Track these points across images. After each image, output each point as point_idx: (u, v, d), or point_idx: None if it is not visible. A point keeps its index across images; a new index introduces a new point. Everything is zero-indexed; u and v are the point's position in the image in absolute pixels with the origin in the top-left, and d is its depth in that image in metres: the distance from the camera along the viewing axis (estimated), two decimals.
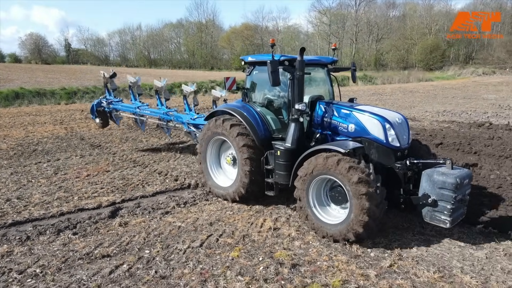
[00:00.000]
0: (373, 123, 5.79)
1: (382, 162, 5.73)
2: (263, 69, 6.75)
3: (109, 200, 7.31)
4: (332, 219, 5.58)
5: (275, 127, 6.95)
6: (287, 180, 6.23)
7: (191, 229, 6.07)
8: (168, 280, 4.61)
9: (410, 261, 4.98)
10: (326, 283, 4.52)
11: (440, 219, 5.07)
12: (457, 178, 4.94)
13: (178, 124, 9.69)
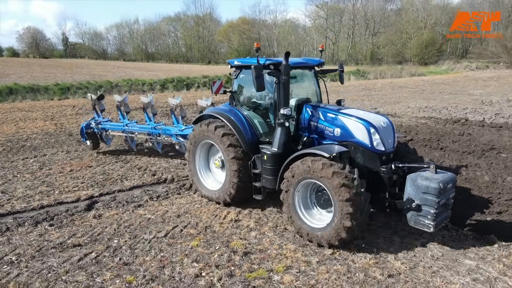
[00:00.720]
0: (358, 127, 5.83)
1: (368, 166, 5.77)
2: (249, 72, 6.58)
3: (88, 194, 7.79)
4: (318, 223, 5.62)
5: (262, 131, 6.94)
6: (274, 184, 6.23)
7: (159, 221, 6.55)
8: (130, 266, 5.10)
9: (351, 249, 5.47)
10: (272, 268, 5.02)
11: (424, 224, 5.12)
12: (440, 183, 4.96)
13: (167, 137, 9.85)
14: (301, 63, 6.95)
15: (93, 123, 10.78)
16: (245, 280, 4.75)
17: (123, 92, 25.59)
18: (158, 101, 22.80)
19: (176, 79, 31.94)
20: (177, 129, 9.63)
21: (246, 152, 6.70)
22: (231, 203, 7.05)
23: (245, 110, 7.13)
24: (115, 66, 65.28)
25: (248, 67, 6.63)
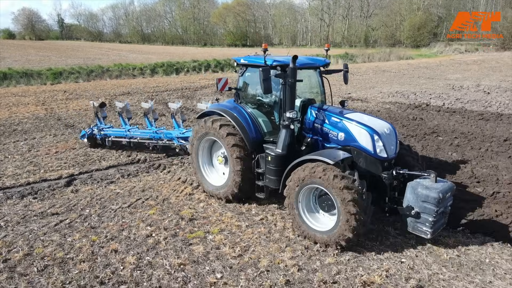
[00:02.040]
0: (362, 134, 5.87)
1: (370, 171, 5.85)
2: (255, 71, 6.73)
3: (69, 173, 8.94)
4: (322, 226, 5.73)
5: (267, 130, 6.95)
6: (277, 184, 6.29)
7: (126, 195, 7.73)
8: (95, 229, 6.29)
9: (277, 217, 6.67)
10: (209, 230, 6.22)
11: (422, 230, 5.28)
12: (440, 193, 5.08)
13: (168, 140, 9.96)
14: (307, 63, 6.81)
15: (95, 130, 10.89)
16: (185, 239, 5.96)
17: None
18: (146, 87, 23.71)
19: (166, 63, 32.68)
20: (178, 132, 9.83)
21: (249, 151, 6.73)
22: (232, 201, 7.16)
23: (249, 108, 7.11)
24: (110, 49, 65.60)
25: (255, 66, 6.72)
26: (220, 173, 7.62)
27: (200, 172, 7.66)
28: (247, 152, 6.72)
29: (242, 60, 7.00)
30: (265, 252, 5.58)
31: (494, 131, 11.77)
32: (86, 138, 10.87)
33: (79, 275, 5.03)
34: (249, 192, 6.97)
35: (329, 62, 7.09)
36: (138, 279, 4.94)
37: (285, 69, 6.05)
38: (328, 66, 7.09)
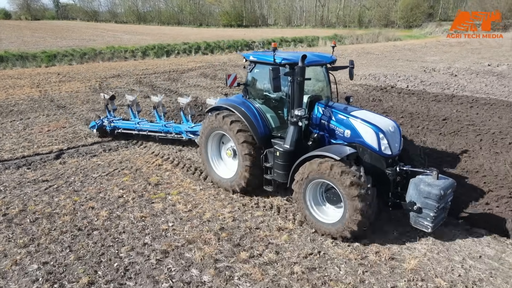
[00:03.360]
0: (367, 132, 6.03)
1: (374, 167, 6.03)
2: (263, 67, 6.90)
3: (58, 148, 10.27)
4: (329, 218, 5.96)
5: (274, 125, 7.11)
6: (285, 178, 6.52)
7: (106, 165, 9.09)
8: (78, 192, 7.67)
9: None
10: (169, 192, 7.62)
11: (423, 224, 5.52)
12: (441, 190, 5.28)
13: (177, 134, 10.15)
14: (315, 61, 6.80)
15: (106, 121, 11.06)
16: (149, 199, 7.36)
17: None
18: (136, 70, 24.72)
19: (157, 46, 33.53)
20: (187, 126, 9.98)
21: (258, 146, 6.91)
22: (240, 192, 7.42)
23: (257, 103, 7.26)
24: (105, 30, 65.79)
25: (264, 63, 6.86)
26: (228, 166, 7.82)
27: (209, 164, 7.88)
28: (255, 147, 6.89)
29: (251, 57, 7.12)
30: (210, 208, 6.99)
31: (439, 111, 13.06)
32: (95, 129, 11.08)
33: (62, 224, 6.43)
34: (257, 185, 7.20)
35: (335, 59, 7.13)
36: (107, 227, 6.35)
37: (294, 67, 6.16)
38: (334, 62, 7.15)
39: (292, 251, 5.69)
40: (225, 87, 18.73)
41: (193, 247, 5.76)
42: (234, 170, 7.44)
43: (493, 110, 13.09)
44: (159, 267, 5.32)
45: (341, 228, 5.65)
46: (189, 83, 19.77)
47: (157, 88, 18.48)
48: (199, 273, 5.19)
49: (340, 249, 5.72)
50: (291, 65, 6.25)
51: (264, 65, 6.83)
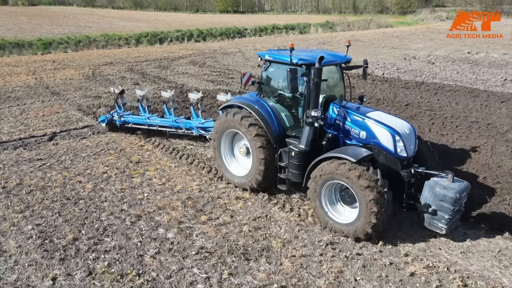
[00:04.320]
0: (383, 134, 6.02)
1: (389, 168, 6.02)
2: (279, 67, 6.94)
3: (52, 131, 11.25)
4: (343, 218, 6.01)
5: (289, 124, 7.10)
6: (300, 178, 6.53)
7: (94, 146, 10.10)
8: (68, 169, 8.70)
9: (199, 161, 9.08)
10: (147, 169, 8.66)
11: (438, 226, 5.56)
12: (457, 193, 5.30)
13: (187, 130, 10.14)
14: (331, 61, 6.74)
15: (116, 116, 11.01)
16: (130, 174, 8.40)
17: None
18: (128, 57, 25.42)
19: (150, 33, 34.11)
20: (197, 122, 9.90)
21: (273, 145, 6.93)
22: (253, 191, 7.45)
23: (271, 102, 7.25)
24: (101, 16, 65.87)
25: (279, 62, 6.86)
26: (241, 164, 7.78)
27: (222, 162, 7.85)
28: (270, 146, 6.90)
29: (267, 56, 7.08)
30: (181, 181, 8.05)
31: (404, 97, 14.04)
32: (105, 123, 11.09)
33: (53, 195, 7.48)
34: (271, 184, 7.22)
35: (350, 58, 7.12)
36: (92, 197, 7.41)
37: (310, 68, 6.18)
38: (349, 62, 7.13)
39: (244, 215, 6.77)
40: (211, 74, 19.63)
41: (162, 212, 6.83)
42: (247, 168, 7.44)
43: (454, 97, 14.07)
44: (132, 227, 6.39)
45: (355, 229, 5.69)
46: (178, 71, 20.62)
47: (147, 75, 19.34)
48: (165, 231, 6.26)
49: (284, 213, 6.80)
50: (307, 66, 6.26)
51: (279, 64, 6.86)
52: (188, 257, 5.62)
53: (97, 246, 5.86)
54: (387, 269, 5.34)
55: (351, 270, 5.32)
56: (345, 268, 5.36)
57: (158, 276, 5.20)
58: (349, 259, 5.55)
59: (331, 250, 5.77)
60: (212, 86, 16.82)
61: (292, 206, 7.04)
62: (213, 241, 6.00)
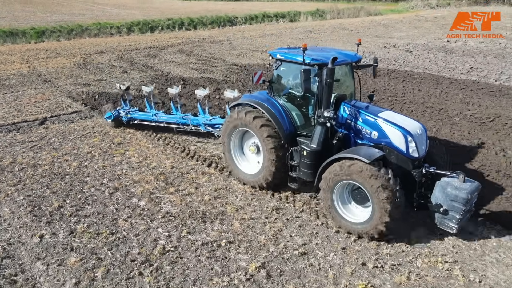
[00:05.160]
0: (396, 134, 6.03)
1: (400, 168, 6.04)
2: (290, 66, 6.94)
3: (43, 116, 12.14)
4: (355, 218, 6.06)
5: (300, 123, 7.11)
6: (311, 177, 6.55)
7: (81, 130, 11.02)
8: (56, 150, 9.63)
9: (174, 142, 10.04)
10: (127, 149, 9.61)
11: (448, 226, 5.62)
12: (468, 194, 5.33)
13: (194, 127, 10.07)
14: (342, 61, 6.68)
15: (122, 112, 10.97)
16: (112, 154, 9.35)
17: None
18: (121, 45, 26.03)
19: (141, 22, 34.57)
20: (205, 119, 9.87)
21: (284, 144, 6.94)
22: (263, 189, 7.52)
23: (281, 100, 7.27)
24: (95, 3, 65.52)
25: (291, 62, 6.82)
26: (251, 161, 7.80)
27: (231, 160, 7.89)
28: (281, 145, 6.93)
29: (279, 55, 7.07)
30: (157, 159, 9.03)
31: (373, 85, 14.94)
32: (111, 120, 10.99)
33: (42, 171, 8.43)
34: (281, 182, 7.26)
35: (361, 57, 7.14)
36: (76, 173, 8.37)
37: (323, 68, 6.19)
38: (360, 61, 7.14)
39: (207, 187, 7.78)
40: (197, 63, 20.42)
41: (137, 185, 7.82)
42: (257, 165, 7.49)
43: (418, 84, 15.01)
44: (110, 197, 7.38)
45: (368, 228, 5.77)
46: (166, 59, 21.37)
47: (135, 64, 20.10)
48: (138, 200, 7.26)
49: (242, 185, 7.81)
50: (320, 66, 6.26)
51: (290, 63, 6.87)
52: (155, 220, 6.63)
53: (78, 212, 6.86)
54: (318, 228, 6.38)
55: (289, 229, 6.36)
56: (284, 228, 6.39)
57: (128, 234, 6.22)
58: (289, 221, 6.59)
59: (275, 214, 6.80)
60: (196, 74, 17.64)
61: None
62: (177, 208, 7.00)
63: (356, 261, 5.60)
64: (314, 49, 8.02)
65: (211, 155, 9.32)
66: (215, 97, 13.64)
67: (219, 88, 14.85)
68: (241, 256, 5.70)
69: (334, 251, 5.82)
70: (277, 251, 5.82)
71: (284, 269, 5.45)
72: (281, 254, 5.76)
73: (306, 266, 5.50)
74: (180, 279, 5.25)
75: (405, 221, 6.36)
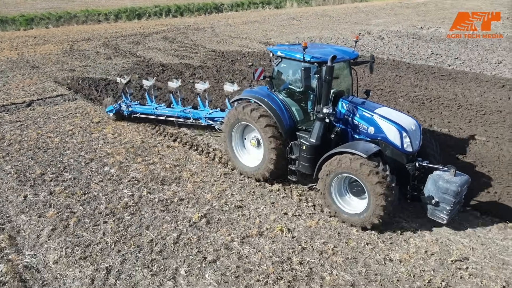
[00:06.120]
0: (391, 130, 6.29)
1: (395, 162, 6.29)
2: (290, 63, 7.09)
3: (30, 99, 13.18)
4: (351, 209, 6.34)
5: (299, 118, 7.31)
6: (310, 170, 6.79)
7: (64, 111, 12.10)
8: (41, 128, 10.72)
9: (148, 124, 11.20)
10: (105, 127, 10.72)
11: (439, 216, 5.92)
12: (458, 187, 5.63)
13: (195, 120, 10.15)
14: (341, 58, 6.80)
15: (123, 106, 11.04)
16: (90, 131, 10.47)
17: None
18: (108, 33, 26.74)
19: (129, 9, 35.08)
20: (205, 112, 9.93)
21: (284, 138, 7.16)
22: (266, 180, 7.75)
23: (282, 96, 7.45)
24: None
25: (291, 59, 6.95)
26: (252, 155, 8.00)
27: (233, 153, 8.08)
28: (281, 139, 7.14)
29: (279, 53, 7.20)
30: (129, 136, 10.19)
31: None
32: (113, 113, 11.09)
33: (28, 146, 9.56)
34: (281, 175, 7.52)
35: (358, 54, 7.27)
36: (58, 147, 9.51)
37: (322, 65, 6.40)
38: (357, 58, 7.28)
39: (170, 157, 8.98)
40: (178, 49, 21.35)
41: (110, 157, 8.99)
42: (258, 159, 7.66)
43: (378, 69, 16.14)
44: (85, 166, 8.56)
45: (363, 220, 6.06)
46: (149, 46, 22.24)
47: (119, 50, 20.99)
48: (109, 168, 8.44)
49: (200, 156, 9.03)
50: (319, 64, 6.45)
51: (290, 61, 7.01)
52: (122, 183, 7.84)
53: (57, 178, 8.04)
54: (256, 188, 7.65)
55: (232, 189, 7.62)
56: (228, 188, 7.65)
57: (98, 194, 7.43)
58: (233, 183, 7.85)
59: (224, 178, 8.05)
60: (176, 60, 18.62)
61: (208, 151, 9.27)
62: (142, 174, 8.21)
63: (280, 211, 6.88)
64: (314, 45, 8.23)
65: (177, 131, 10.49)
66: (189, 81, 14.71)
67: (194, 73, 15.92)
68: (188, 209, 6.95)
69: (264, 205, 7.09)
70: (218, 205, 7.08)
71: (221, 218, 6.71)
72: (222, 207, 7.02)
73: (239, 216, 6.77)
74: (136, 225, 6.50)
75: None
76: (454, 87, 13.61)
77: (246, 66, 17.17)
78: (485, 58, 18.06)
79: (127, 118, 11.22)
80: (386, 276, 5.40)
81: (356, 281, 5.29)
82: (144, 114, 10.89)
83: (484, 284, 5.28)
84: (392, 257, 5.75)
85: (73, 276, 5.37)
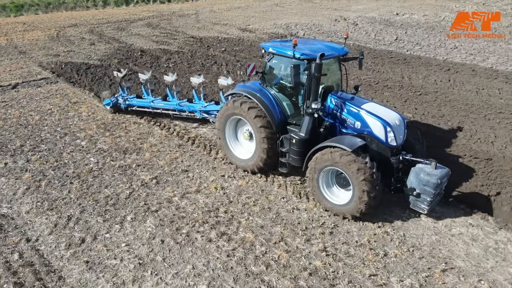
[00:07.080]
0: (376, 125, 6.51)
1: (380, 156, 6.55)
2: (281, 59, 7.31)
3: (16, 82, 14.21)
4: (338, 200, 6.62)
5: (290, 113, 7.51)
6: (299, 163, 7.04)
7: (46, 93, 13.17)
8: (23, 107, 11.82)
9: None
10: (81, 107, 11.85)
11: (420, 207, 6.22)
12: (438, 179, 5.87)
13: (190, 113, 10.33)
14: (330, 55, 6.98)
15: (120, 99, 11.18)
16: (68, 110, 11.60)
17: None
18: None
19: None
20: (200, 105, 10.13)
21: (275, 131, 7.37)
22: (261, 171, 7.91)
23: (273, 90, 7.65)
24: None
25: (282, 56, 7.13)
26: (245, 147, 8.24)
27: (226, 146, 8.31)
28: (272, 132, 7.35)
29: (271, 49, 7.37)
30: (102, 114, 11.32)
31: None
32: (110, 106, 11.23)
33: (11, 122, 10.68)
34: (272, 167, 7.76)
35: (347, 51, 7.36)
36: (37, 123, 10.65)
37: (311, 62, 6.58)
38: (347, 54, 7.40)
39: (135, 131, 10.15)
40: (159, 36, 22.23)
41: (82, 131, 10.16)
42: (250, 151, 7.89)
43: None
44: (60, 139, 9.72)
45: (350, 209, 6.30)
46: (132, 32, 23.10)
47: (104, 36, 21.86)
48: (80, 141, 9.61)
49: (161, 130, 10.21)
50: (309, 60, 6.64)
51: (281, 57, 7.22)
52: (89, 153, 9.04)
53: (35, 149, 9.22)
54: (203, 156, 8.87)
55: (182, 157, 8.83)
56: (180, 156, 8.86)
57: (68, 162, 8.62)
58: (185, 152, 9.07)
59: (177, 149, 9.26)
60: (155, 46, 19.57)
61: (169, 127, 10.46)
62: (108, 146, 9.40)
63: (219, 174, 8.12)
64: (305, 41, 8.45)
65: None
66: (163, 66, 15.75)
67: (170, 58, 16.94)
68: (143, 173, 8.18)
69: (207, 169, 8.33)
70: (168, 169, 8.31)
71: (169, 179, 7.95)
72: (171, 171, 8.25)
73: (184, 178, 8.01)
74: (97, 185, 7.72)
75: None
76: (404, 70, 14.72)
77: (220, 51, 18.17)
78: (444, 44, 19.12)
79: (124, 111, 11.35)
80: (290, 220, 6.68)
81: (266, 224, 6.57)
82: (140, 107, 11.05)
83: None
84: (300, 207, 7.03)
85: (40, 222, 6.62)
